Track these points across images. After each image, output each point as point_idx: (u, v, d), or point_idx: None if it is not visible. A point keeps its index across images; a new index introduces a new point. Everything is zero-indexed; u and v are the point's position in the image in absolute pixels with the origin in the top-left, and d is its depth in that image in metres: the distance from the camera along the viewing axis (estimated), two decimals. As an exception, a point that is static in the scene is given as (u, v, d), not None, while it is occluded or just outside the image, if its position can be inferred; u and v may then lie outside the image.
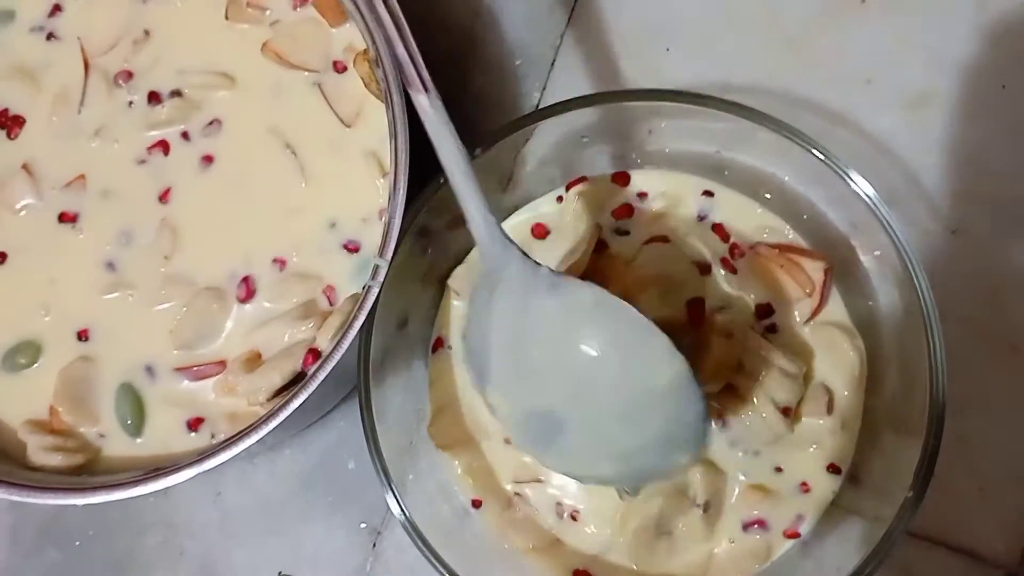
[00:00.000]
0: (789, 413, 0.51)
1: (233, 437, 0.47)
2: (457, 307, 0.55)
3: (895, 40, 0.59)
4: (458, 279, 0.54)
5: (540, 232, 0.55)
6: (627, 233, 0.54)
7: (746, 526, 0.51)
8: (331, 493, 0.58)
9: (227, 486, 0.59)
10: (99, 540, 0.60)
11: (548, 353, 0.44)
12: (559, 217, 0.54)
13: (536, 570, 0.52)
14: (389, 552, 0.58)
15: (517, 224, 0.55)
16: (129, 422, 0.50)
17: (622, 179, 0.54)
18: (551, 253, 0.53)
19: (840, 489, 0.51)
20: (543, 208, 0.55)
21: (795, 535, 0.51)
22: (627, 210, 0.54)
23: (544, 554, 0.53)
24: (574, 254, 0.52)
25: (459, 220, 0.44)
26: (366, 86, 0.52)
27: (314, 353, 0.49)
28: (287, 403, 0.46)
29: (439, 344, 0.55)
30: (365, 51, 0.52)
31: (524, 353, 0.44)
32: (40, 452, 0.50)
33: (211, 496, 0.59)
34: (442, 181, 0.49)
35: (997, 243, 0.57)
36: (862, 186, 0.48)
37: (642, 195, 0.54)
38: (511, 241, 0.44)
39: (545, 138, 0.52)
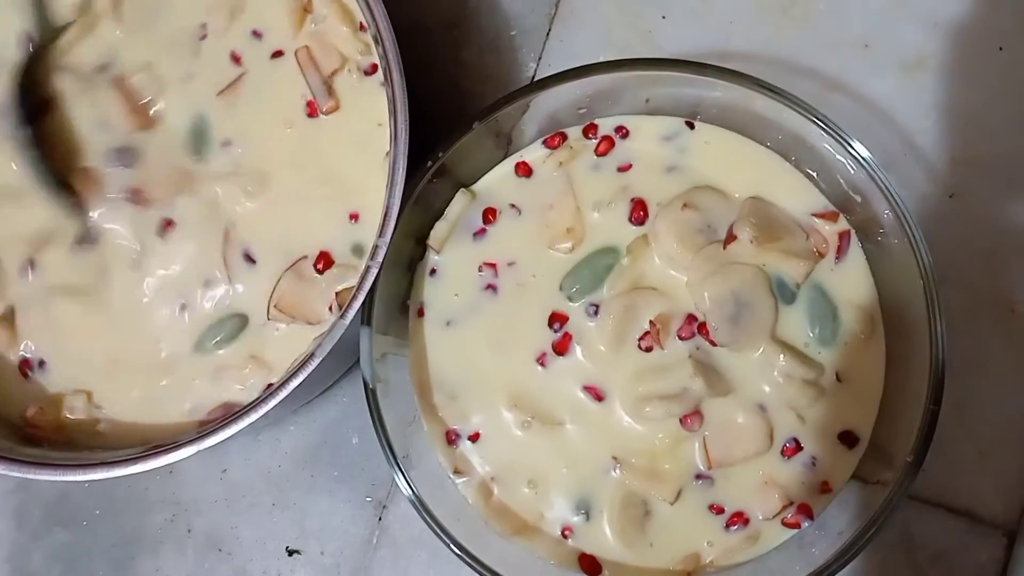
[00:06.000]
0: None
1: (234, 414, 0.47)
2: (436, 261, 0.54)
3: (891, 3, 0.58)
4: (437, 237, 0.54)
5: (524, 170, 0.54)
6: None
7: (733, 520, 0.51)
8: (336, 468, 0.59)
9: (232, 463, 0.59)
10: (106, 519, 0.60)
11: None
12: (541, 163, 0.54)
13: (531, 551, 0.52)
14: (395, 525, 0.58)
15: (505, 173, 0.55)
16: None
17: (591, 130, 0.54)
18: (532, 192, 0.54)
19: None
20: (526, 154, 0.55)
21: (796, 525, 0.51)
22: (609, 144, 0.54)
23: (529, 539, 0.52)
24: (553, 211, 0.53)
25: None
26: None
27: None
28: (289, 379, 0.46)
29: (421, 312, 0.54)
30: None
31: None
32: None
33: (217, 473, 0.60)
34: (440, 154, 0.50)
35: (994, 207, 0.57)
36: (861, 152, 0.48)
37: (621, 130, 0.54)
38: None
39: (542, 109, 0.52)
